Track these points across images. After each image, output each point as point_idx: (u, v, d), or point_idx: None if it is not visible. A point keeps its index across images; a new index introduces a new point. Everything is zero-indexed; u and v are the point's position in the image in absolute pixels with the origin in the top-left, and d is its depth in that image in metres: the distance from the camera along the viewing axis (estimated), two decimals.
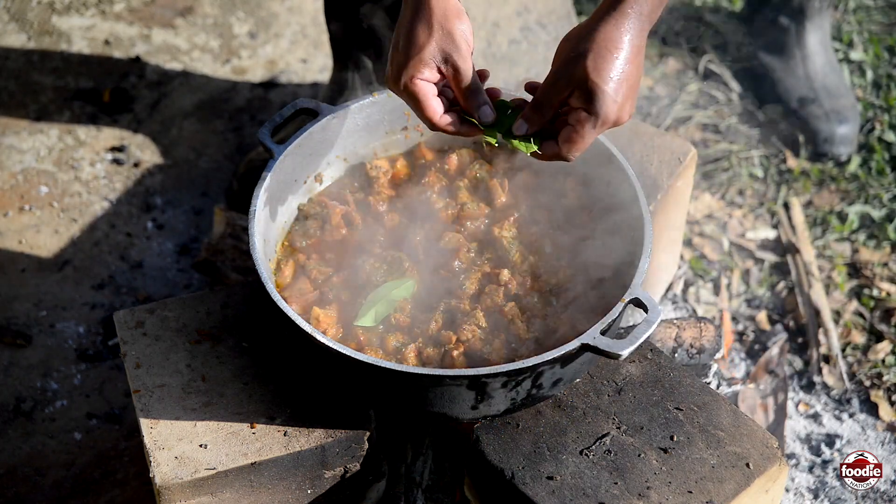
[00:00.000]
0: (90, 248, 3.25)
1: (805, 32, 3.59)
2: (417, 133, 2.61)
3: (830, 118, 3.52)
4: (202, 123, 3.57)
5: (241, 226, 2.97)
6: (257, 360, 2.36)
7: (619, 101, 2.06)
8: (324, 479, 2.29)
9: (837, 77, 3.60)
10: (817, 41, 3.60)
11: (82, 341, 3.04)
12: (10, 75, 3.67)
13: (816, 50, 3.60)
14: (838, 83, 3.59)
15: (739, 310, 3.21)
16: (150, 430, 2.24)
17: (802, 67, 3.59)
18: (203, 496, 2.20)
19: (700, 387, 2.34)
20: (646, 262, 2.22)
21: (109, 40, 3.80)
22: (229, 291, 2.50)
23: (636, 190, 2.34)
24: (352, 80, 3.20)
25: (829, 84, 3.58)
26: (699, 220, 3.40)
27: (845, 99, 3.56)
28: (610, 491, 2.16)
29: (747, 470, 2.20)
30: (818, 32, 3.60)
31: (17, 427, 2.88)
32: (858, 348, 3.11)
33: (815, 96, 3.55)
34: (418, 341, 2.25)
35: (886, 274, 3.26)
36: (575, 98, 2.09)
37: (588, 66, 2.04)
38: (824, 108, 3.53)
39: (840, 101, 3.55)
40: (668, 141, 2.75)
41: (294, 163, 2.46)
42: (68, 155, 3.46)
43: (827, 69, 3.60)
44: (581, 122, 2.08)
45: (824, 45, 3.61)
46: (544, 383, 2.18)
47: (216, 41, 3.81)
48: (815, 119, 3.53)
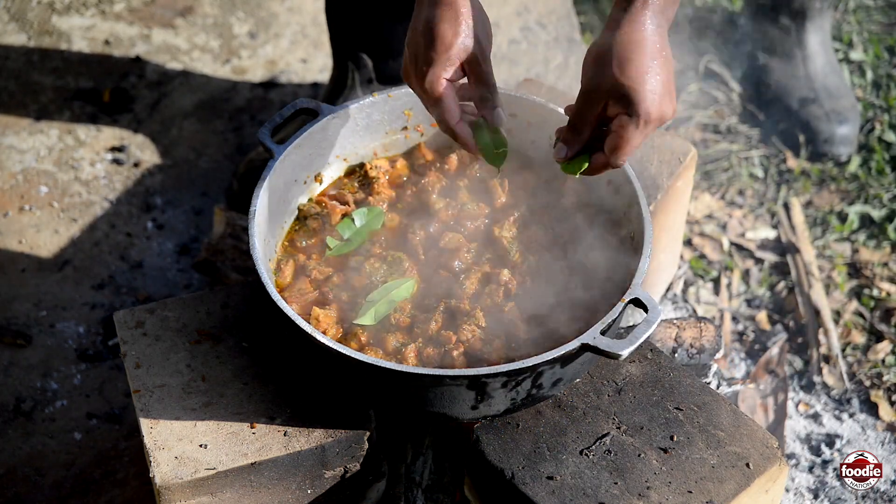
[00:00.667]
0: (90, 248, 3.25)
1: (806, 33, 3.59)
2: (417, 133, 2.61)
3: (831, 118, 3.52)
4: (202, 123, 3.58)
5: (241, 226, 2.97)
6: (257, 360, 2.36)
7: (655, 96, 2.02)
8: (324, 479, 2.29)
9: (838, 77, 3.61)
10: (818, 42, 3.60)
11: (82, 341, 3.04)
12: (10, 75, 3.67)
13: (817, 50, 3.60)
14: (839, 83, 3.59)
15: (739, 310, 3.21)
16: (150, 430, 2.24)
17: (803, 68, 3.59)
18: (203, 496, 2.20)
19: (700, 387, 2.34)
20: (646, 262, 2.22)
21: (109, 40, 3.80)
22: (229, 291, 2.50)
23: (636, 190, 2.34)
24: (352, 79, 3.20)
25: (829, 84, 3.58)
26: (699, 220, 3.40)
27: (846, 99, 3.56)
28: (610, 491, 2.16)
29: (747, 470, 2.20)
30: (819, 33, 3.60)
31: (17, 427, 2.88)
32: (858, 348, 3.11)
33: (816, 96, 3.55)
34: (418, 341, 2.25)
35: (886, 274, 3.26)
36: (611, 107, 2.06)
37: (615, 72, 2.02)
38: (825, 109, 3.53)
39: (840, 102, 3.55)
40: (668, 141, 2.75)
41: (294, 163, 2.46)
42: (68, 155, 3.46)
43: (827, 69, 3.60)
44: (623, 126, 2.04)
45: (825, 45, 3.61)
46: (544, 383, 2.18)
47: (216, 41, 3.81)
48: (816, 119, 3.53)
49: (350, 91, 3.21)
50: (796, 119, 3.56)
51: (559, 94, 2.85)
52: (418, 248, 2.39)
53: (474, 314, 2.27)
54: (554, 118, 2.51)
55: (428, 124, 2.59)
